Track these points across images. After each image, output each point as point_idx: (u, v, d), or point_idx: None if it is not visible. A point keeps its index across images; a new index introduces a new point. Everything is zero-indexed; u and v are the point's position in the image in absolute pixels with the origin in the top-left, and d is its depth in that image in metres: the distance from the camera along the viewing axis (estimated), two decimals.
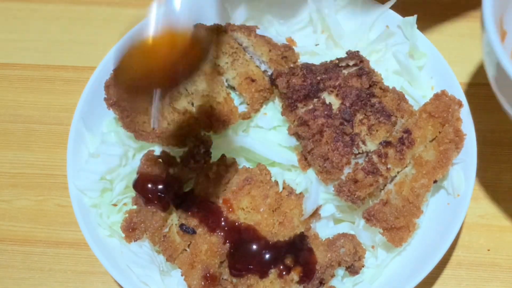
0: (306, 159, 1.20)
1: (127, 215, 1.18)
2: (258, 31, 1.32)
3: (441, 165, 1.14)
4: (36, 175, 1.39)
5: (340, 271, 1.14)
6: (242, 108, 1.25)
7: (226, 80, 1.26)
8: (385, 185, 1.15)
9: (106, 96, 1.26)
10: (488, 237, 1.28)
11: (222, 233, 1.11)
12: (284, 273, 1.09)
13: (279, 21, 1.40)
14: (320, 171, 1.16)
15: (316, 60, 1.28)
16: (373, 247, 1.18)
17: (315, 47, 1.36)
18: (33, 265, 1.30)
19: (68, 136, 1.24)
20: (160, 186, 1.15)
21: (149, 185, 1.15)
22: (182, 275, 1.12)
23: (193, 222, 1.13)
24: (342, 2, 1.36)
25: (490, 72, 1.03)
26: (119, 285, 1.21)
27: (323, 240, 1.14)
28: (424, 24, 1.44)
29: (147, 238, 1.16)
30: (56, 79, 1.50)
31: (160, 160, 1.18)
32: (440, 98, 1.19)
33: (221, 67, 1.26)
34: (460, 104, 1.20)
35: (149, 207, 1.15)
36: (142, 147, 1.25)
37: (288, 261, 1.10)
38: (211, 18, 1.34)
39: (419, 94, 1.27)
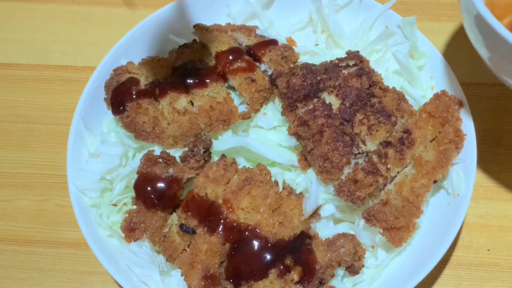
0: (306, 159, 1.20)
1: (126, 215, 1.17)
2: (258, 31, 1.33)
3: (441, 165, 1.14)
4: (36, 175, 1.39)
5: (340, 271, 1.14)
6: (242, 108, 1.25)
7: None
8: (385, 185, 1.15)
9: (106, 96, 1.26)
10: (488, 237, 1.28)
11: (222, 233, 1.11)
12: (284, 273, 1.09)
13: (279, 21, 1.40)
14: (320, 171, 1.16)
15: (316, 60, 1.28)
16: (373, 247, 1.18)
17: (315, 47, 1.36)
18: (33, 265, 1.30)
19: (68, 136, 1.24)
20: (159, 187, 1.15)
21: (149, 186, 1.15)
22: (182, 275, 1.12)
23: (193, 222, 1.13)
24: (342, 2, 1.36)
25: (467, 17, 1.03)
26: (119, 285, 1.21)
27: (323, 240, 1.14)
28: (424, 24, 1.44)
29: (146, 238, 1.16)
30: (56, 79, 1.50)
31: (160, 160, 1.18)
32: (440, 98, 1.19)
33: None
34: (460, 104, 1.20)
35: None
36: (142, 147, 1.25)
37: (288, 261, 1.10)
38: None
39: (419, 94, 1.27)
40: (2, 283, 1.29)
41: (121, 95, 1.22)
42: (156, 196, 1.15)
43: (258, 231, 1.11)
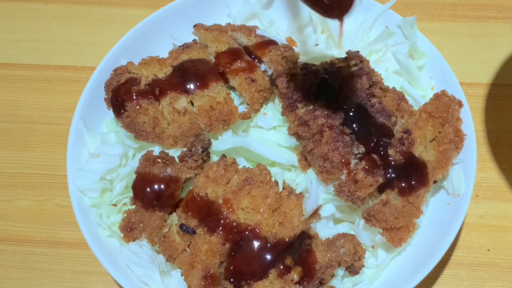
0: (306, 159, 1.20)
1: (125, 215, 1.17)
2: (258, 31, 1.33)
3: (441, 165, 1.14)
4: (36, 175, 1.39)
5: (340, 271, 1.14)
6: (242, 108, 1.25)
7: None
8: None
9: (106, 96, 1.26)
10: (488, 237, 1.28)
11: (222, 233, 1.11)
12: (284, 273, 1.09)
13: (279, 21, 1.40)
14: (320, 171, 1.16)
15: (316, 60, 1.28)
16: (373, 247, 1.18)
17: (315, 47, 1.36)
18: (33, 265, 1.30)
19: (68, 136, 1.24)
20: (157, 186, 1.15)
21: (147, 185, 1.15)
22: (182, 275, 1.12)
23: (193, 222, 1.13)
24: None
25: None
26: (119, 285, 1.21)
27: (323, 240, 1.14)
28: (424, 24, 1.44)
29: (145, 237, 1.16)
30: (56, 79, 1.50)
31: (159, 160, 1.18)
32: (440, 98, 1.19)
33: None
34: (460, 104, 1.20)
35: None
36: (142, 147, 1.25)
37: (288, 261, 1.10)
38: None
39: (419, 94, 1.27)
40: (2, 283, 1.29)
41: (121, 95, 1.22)
42: (154, 195, 1.15)
43: (258, 231, 1.11)
